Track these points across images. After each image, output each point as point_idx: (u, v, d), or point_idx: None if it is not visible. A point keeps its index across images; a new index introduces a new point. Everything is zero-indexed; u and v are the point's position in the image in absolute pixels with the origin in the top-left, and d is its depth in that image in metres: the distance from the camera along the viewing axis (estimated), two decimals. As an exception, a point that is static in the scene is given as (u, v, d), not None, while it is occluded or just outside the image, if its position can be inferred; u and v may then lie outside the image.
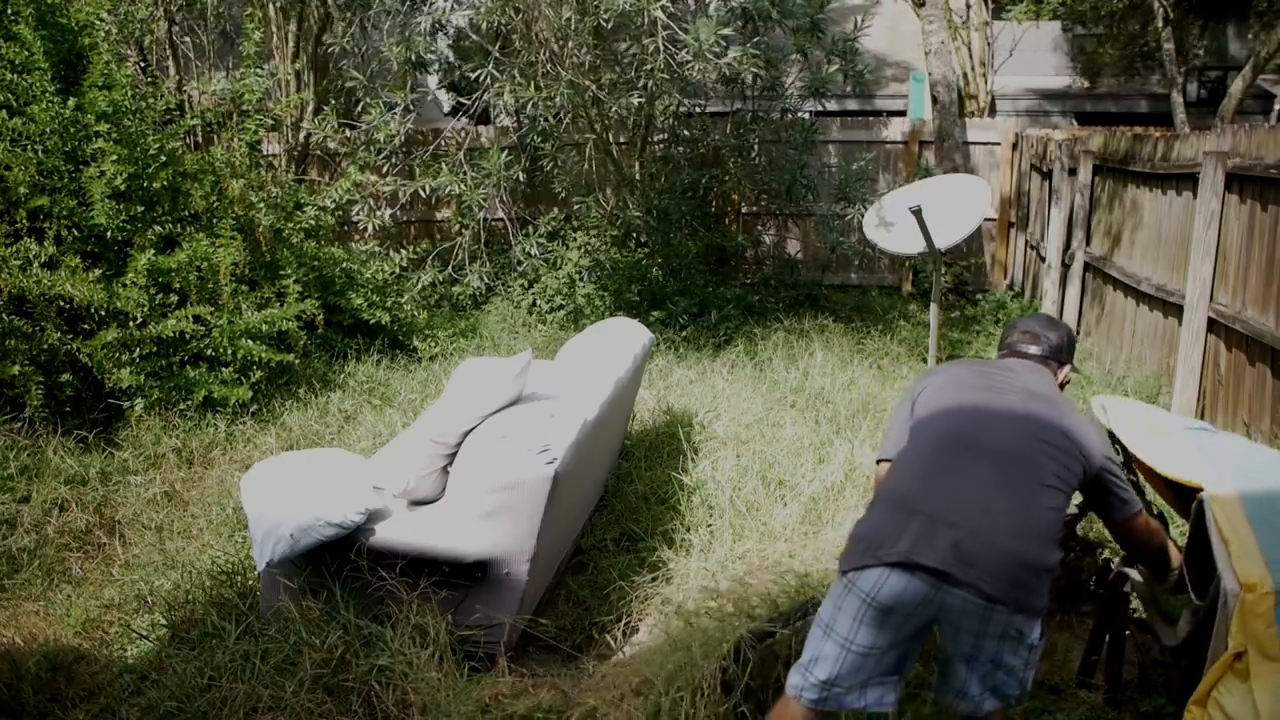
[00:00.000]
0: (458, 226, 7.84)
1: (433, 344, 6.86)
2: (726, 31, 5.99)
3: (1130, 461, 2.90)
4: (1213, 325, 4.78)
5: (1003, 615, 2.08)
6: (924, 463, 2.26)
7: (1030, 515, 2.14)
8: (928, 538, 2.09)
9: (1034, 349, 2.57)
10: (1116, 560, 2.86)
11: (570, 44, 6.38)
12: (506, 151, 7.51)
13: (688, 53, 5.91)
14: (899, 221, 5.93)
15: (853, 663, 2.17)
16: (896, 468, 2.33)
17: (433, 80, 8.34)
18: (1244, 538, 2.10)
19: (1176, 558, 2.53)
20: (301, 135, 8.12)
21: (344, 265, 6.71)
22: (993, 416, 2.30)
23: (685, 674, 2.63)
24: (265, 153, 7.86)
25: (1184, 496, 2.76)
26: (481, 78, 6.77)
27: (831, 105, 7.72)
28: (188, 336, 5.15)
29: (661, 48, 5.96)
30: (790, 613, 2.77)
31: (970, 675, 2.21)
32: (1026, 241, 8.84)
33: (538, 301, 7.88)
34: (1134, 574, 2.75)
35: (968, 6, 13.11)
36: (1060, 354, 2.59)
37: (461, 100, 7.46)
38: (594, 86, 6.67)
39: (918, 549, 2.08)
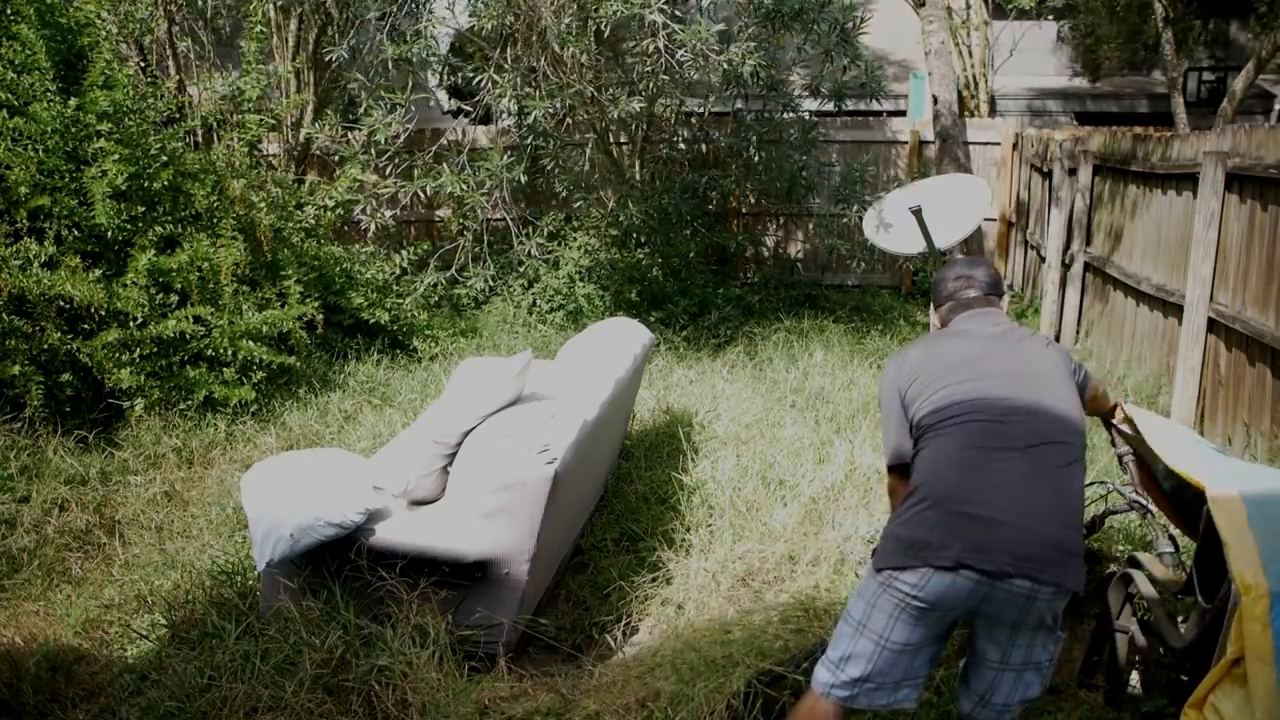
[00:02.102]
0: (459, 227, 7.84)
1: (433, 344, 6.86)
2: (719, 27, 6.01)
3: (1138, 471, 2.89)
4: (1213, 325, 4.78)
5: (1044, 601, 2.10)
6: (955, 462, 2.23)
7: (1065, 500, 2.17)
8: (978, 542, 2.08)
9: (974, 293, 2.57)
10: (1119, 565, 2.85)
11: (571, 49, 6.38)
12: (508, 152, 7.51)
13: (686, 51, 5.93)
14: (899, 221, 5.93)
15: (888, 660, 2.16)
16: (926, 469, 2.28)
17: (433, 80, 8.33)
18: (1244, 540, 2.10)
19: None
20: (301, 135, 8.11)
21: (344, 265, 6.70)
22: (1003, 405, 2.27)
23: (689, 704, 2.64)
24: (265, 153, 7.85)
25: (1181, 509, 2.76)
26: (482, 82, 6.77)
27: (831, 104, 7.72)
28: (188, 337, 5.15)
29: (662, 49, 5.98)
30: (800, 655, 2.78)
31: (1000, 677, 2.21)
32: (1026, 241, 8.84)
33: (538, 301, 7.88)
34: (1138, 575, 2.74)
35: (968, 6, 13.10)
36: (998, 288, 2.61)
37: (463, 106, 7.44)
38: (595, 90, 6.67)
39: (968, 555, 2.07)
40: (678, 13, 6.14)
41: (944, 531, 2.12)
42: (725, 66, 6.15)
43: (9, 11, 4.98)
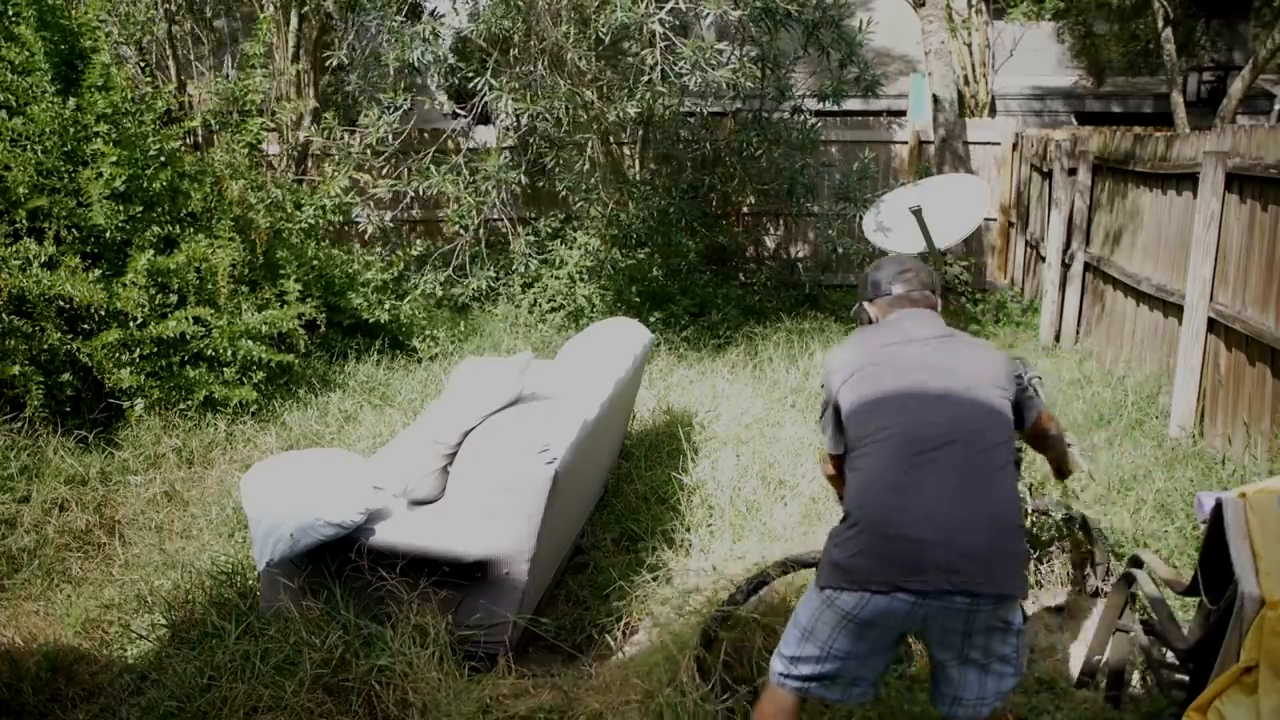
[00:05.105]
0: (457, 225, 7.84)
1: (433, 344, 6.86)
2: (722, 46, 6.01)
3: None
4: (1213, 325, 4.78)
5: (986, 610, 2.11)
6: (885, 483, 2.20)
7: (999, 507, 2.16)
8: (911, 565, 2.09)
9: (916, 292, 2.48)
10: (1119, 561, 2.85)
11: (571, 54, 6.38)
12: (507, 153, 7.50)
13: (685, 64, 5.93)
14: (899, 221, 5.93)
15: (835, 665, 2.21)
16: (857, 491, 2.26)
17: (433, 81, 8.33)
18: (1276, 552, 2.05)
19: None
20: (301, 136, 8.11)
21: (343, 266, 6.70)
22: (932, 411, 2.24)
23: (664, 669, 2.69)
24: (265, 153, 7.85)
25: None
26: (479, 85, 6.76)
27: (831, 103, 7.73)
28: (188, 337, 5.14)
29: (659, 60, 5.97)
30: (744, 587, 2.87)
31: (965, 673, 2.22)
32: (1026, 241, 8.83)
33: (538, 301, 7.88)
34: (1140, 574, 2.74)
35: (970, 6, 13.10)
36: (937, 290, 2.55)
37: (458, 111, 7.44)
38: (594, 96, 6.66)
39: (902, 578, 2.08)
40: (673, 18, 6.12)
41: (875, 557, 2.12)
42: (726, 79, 6.14)
43: (10, 13, 4.98)
